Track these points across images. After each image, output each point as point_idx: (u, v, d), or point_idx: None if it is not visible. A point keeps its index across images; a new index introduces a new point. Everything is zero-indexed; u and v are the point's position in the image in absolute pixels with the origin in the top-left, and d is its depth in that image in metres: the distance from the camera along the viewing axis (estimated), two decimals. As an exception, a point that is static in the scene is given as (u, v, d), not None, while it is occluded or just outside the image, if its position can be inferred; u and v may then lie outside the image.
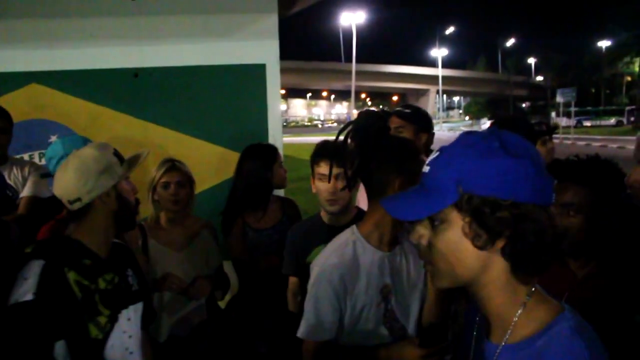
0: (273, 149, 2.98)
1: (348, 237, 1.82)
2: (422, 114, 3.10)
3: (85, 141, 2.49)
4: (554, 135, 4.05)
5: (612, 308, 1.60)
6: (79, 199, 1.75)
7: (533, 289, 1.05)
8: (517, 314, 1.03)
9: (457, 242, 1.01)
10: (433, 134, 3.60)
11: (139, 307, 1.95)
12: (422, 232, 1.07)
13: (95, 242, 1.81)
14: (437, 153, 1.06)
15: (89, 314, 1.72)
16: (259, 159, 2.89)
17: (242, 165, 2.91)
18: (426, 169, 1.07)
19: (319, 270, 1.79)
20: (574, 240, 1.66)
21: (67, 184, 1.76)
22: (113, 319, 1.80)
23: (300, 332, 1.79)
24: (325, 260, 1.80)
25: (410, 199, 1.07)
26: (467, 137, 1.06)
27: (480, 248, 1.00)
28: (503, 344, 1.05)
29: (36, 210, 2.92)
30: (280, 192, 3.19)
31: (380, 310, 1.78)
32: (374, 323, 1.78)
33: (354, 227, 1.85)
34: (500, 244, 0.99)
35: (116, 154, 1.86)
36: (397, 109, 3.08)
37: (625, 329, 1.57)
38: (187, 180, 2.70)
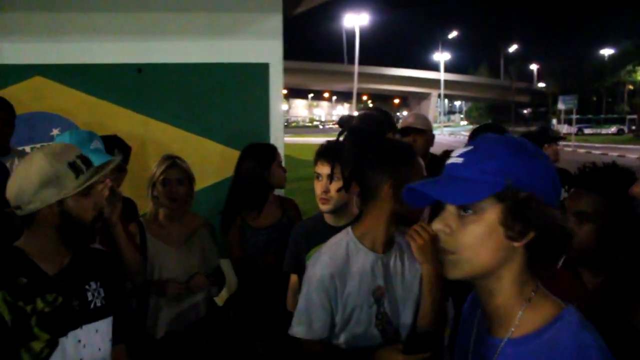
0: (272, 149, 2.98)
1: (342, 237, 1.84)
2: (384, 114, 3.08)
3: (90, 136, 2.50)
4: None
5: (620, 319, 1.59)
6: (18, 207, 1.59)
7: (537, 286, 1.10)
8: (522, 309, 1.08)
9: (489, 232, 1.05)
10: (433, 135, 3.63)
11: (102, 324, 1.74)
12: (449, 220, 1.09)
13: (40, 255, 1.63)
14: (471, 147, 1.11)
15: (20, 339, 1.54)
16: (257, 158, 2.90)
17: (240, 164, 2.92)
18: (459, 160, 1.10)
19: (310, 269, 1.81)
20: (585, 248, 1.64)
21: (9, 188, 1.60)
22: (52, 344, 1.59)
23: (291, 329, 1.81)
24: (317, 259, 1.82)
25: (450, 185, 1.09)
26: (500, 137, 1.12)
27: (512, 239, 1.05)
28: (507, 337, 1.08)
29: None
30: (280, 192, 3.19)
31: (373, 312, 1.78)
32: (366, 325, 1.78)
33: (348, 228, 1.86)
34: (529, 237, 1.04)
35: (72, 164, 1.62)
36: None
37: (630, 339, 1.56)
38: (186, 178, 2.71)
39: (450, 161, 1.13)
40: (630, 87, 55.41)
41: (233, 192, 2.93)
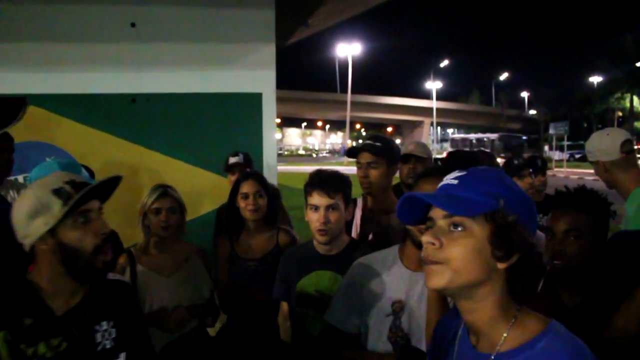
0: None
1: (389, 251, 2.04)
2: (394, 146, 2.92)
3: (68, 165, 2.51)
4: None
5: (599, 338, 1.61)
6: (22, 243, 1.54)
7: (519, 306, 1.15)
8: (508, 326, 1.12)
9: (477, 248, 1.11)
10: (432, 163, 3.68)
11: None
12: (439, 234, 1.14)
13: (49, 291, 1.55)
14: (464, 172, 1.19)
15: None
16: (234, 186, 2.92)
17: None
18: (454, 181, 1.18)
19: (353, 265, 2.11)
20: (571, 264, 1.74)
21: (13, 224, 1.55)
22: None
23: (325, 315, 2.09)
24: (362, 261, 2.09)
25: (449, 199, 1.15)
26: (487, 167, 1.24)
27: (498, 259, 1.11)
28: (496, 352, 1.12)
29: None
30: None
31: (387, 323, 1.88)
32: (379, 333, 1.91)
33: (397, 245, 2.03)
34: (512, 260, 1.11)
35: (57, 191, 1.51)
36: (368, 142, 2.81)
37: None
38: (178, 207, 2.70)
39: (444, 182, 1.21)
40: (619, 113, 56.08)
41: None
